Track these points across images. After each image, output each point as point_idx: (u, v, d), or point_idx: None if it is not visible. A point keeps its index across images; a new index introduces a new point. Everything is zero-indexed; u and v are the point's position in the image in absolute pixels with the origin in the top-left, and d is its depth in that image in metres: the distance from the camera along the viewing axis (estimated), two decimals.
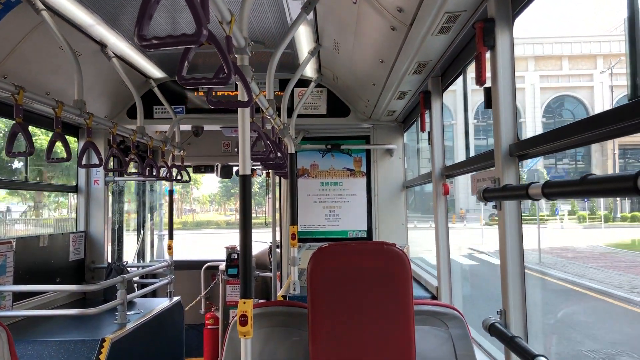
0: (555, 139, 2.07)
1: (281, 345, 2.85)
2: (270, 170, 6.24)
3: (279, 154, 3.79)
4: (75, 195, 5.71)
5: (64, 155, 3.60)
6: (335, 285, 2.64)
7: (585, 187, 1.57)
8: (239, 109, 2.46)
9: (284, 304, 2.98)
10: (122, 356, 3.88)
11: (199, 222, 52.50)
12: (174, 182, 5.76)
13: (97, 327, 4.08)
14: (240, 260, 2.49)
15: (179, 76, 1.82)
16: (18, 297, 4.37)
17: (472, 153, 3.72)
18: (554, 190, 1.80)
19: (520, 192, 2.05)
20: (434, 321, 2.84)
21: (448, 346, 2.82)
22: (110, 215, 5.98)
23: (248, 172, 2.49)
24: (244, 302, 2.43)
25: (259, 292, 6.87)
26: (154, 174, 5.06)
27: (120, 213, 6.61)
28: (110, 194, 5.98)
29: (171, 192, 5.98)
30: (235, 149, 2.55)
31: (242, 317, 2.43)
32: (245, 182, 2.48)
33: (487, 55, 2.63)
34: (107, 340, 3.70)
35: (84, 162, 4.54)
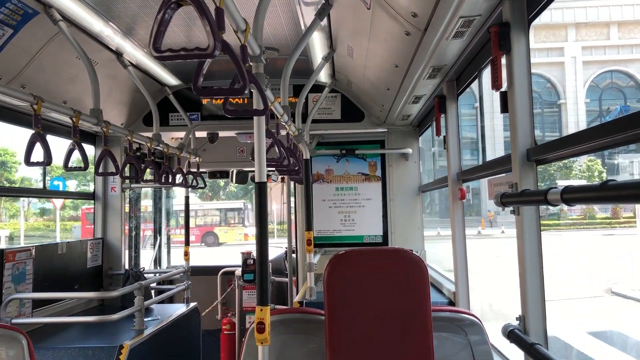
0: (575, 144, 2.04)
1: (298, 352, 2.85)
2: (285, 176, 6.25)
3: (292, 160, 3.79)
4: (93, 202, 5.76)
5: (82, 164, 3.64)
6: (352, 292, 2.63)
7: (606, 193, 1.55)
8: (255, 116, 2.47)
9: (300, 310, 2.98)
10: None
11: None
12: (190, 189, 5.79)
13: (115, 333, 4.10)
14: (256, 267, 2.49)
15: (194, 87, 1.83)
16: (37, 304, 4.42)
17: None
18: (574, 195, 1.78)
19: (539, 198, 2.02)
20: (452, 327, 2.82)
21: (467, 353, 2.80)
22: (127, 221, 6.02)
23: (264, 179, 2.50)
24: (261, 310, 2.43)
25: (275, 298, 6.87)
26: (170, 181, 5.10)
27: (137, 220, 6.66)
28: (127, 201, 6.03)
29: (187, 199, 6.01)
30: (251, 157, 2.56)
31: (259, 324, 2.43)
32: (261, 189, 2.49)
33: (503, 59, 2.61)
34: (125, 346, 3.72)
35: (100, 170, 4.59)
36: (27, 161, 3.24)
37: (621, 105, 36.18)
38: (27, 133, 3.33)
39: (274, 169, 3.85)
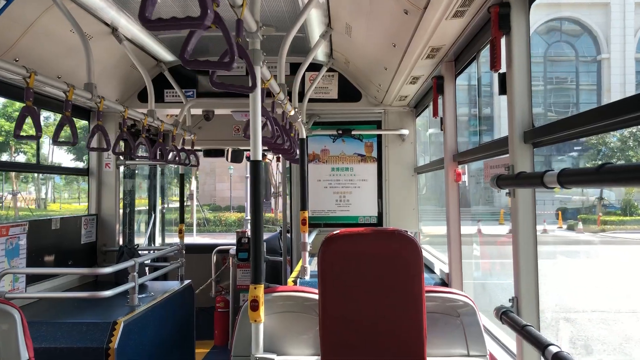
0: (572, 127, 2.03)
1: (291, 330, 2.87)
2: (280, 155, 6.22)
3: (286, 139, 3.77)
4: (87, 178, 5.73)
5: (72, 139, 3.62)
6: (345, 271, 2.63)
7: (603, 176, 1.54)
8: (250, 94, 2.45)
9: (294, 289, 2.98)
10: (134, 338, 3.92)
11: None
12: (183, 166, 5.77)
13: (109, 309, 4.11)
14: (251, 245, 2.50)
15: (181, 57, 1.80)
16: (31, 279, 4.42)
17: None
18: (570, 179, 1.77)
19: (535, 180, 2.02)
20: (445, 308, 2.83)
21: (459, 333, 2.82)
22: (121, 198, 6.00)
23: (259, 158, 2.48)
24: (255, 288, 2.44)
25: (269, 277, 6.90)
26: (163, 158, 5.07)
27: (132, 196, 6.65)
28: (121, 177, 6.00)
29: (182, 176, 5.98)
30: (243, 135, 2.55)
31: (252, 302, 2.44)
32: (256, 167, 2.48)
33: (502, 40, 2.59)
34: (119, 322, 3.74)
35: (94, 145, 4.56)
36: (17, 134, 3.21)
37: None
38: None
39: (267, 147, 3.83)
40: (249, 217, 22.29)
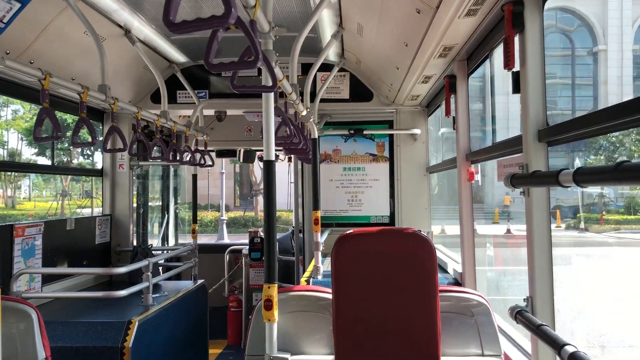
0: (588, 125, 2.02)
1: (305, 329, 2.87)
2: (292, 156, 6.23)
3: (301, 139, 3.77)
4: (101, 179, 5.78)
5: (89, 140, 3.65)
6: (359, 270, 2.63)
7: (620, 175, 1.53)
8: (263, 94, 2.45)
9: (308, 289, 2.99)
10: (148, 337, 3.94)
11: None
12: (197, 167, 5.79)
13: (123, 309, 4.14)
14: (264, 245, 2.50)
15: (206, 61, 1.81)
16: (46, 279, 4.47)
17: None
18: (587, 177, 1.76)
19: (551, 179, 2.00)
20: (459, 308, 2.82)
21: (473, 332, 2.81)
22: (135, 199, 6.04)
23: (272, 158, 2.49)
24: (269, 287, 2.44)
25: (281, 276, 6.90)
26: (178, 158, 5.10)
27: (145, 197, 6.69)
28: (135, 178, 6.04)
29: (194, 177, 6.01)
30: (260, 135, 2.56)
31: (266, 301, 2.45)
32: (269, 168, 2.48)
33: (516, 38, 2.57)
34: (133, 322, 3.76)
35: (108, 147, 4.59)
36: (36, 137, 3.25)
37: None
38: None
39: (281, 148, 3.83)
40: (225, 217, 22.15)
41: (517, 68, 2.61)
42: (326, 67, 5.43)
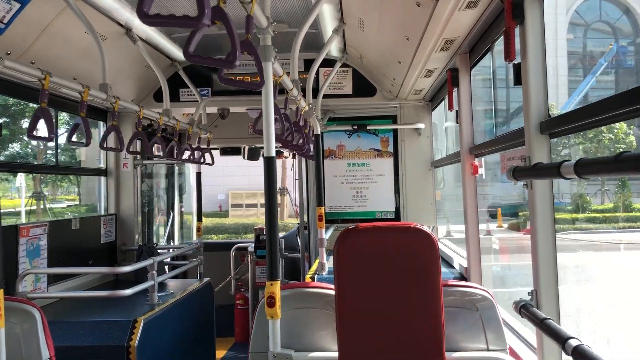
0: (590, 116, 1.99)
1: (309, 325, 2.86)
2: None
3: (297, 136, 3.76)
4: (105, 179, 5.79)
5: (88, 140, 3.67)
6: (362, 266, 2.62)
7: (621, 165, 1.51)
8: (263, 91, 2.44)
9: (311, 285, 2.98)
10: (154, 336, 3.95)
11: None
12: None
13: (129, 308, 4.15)
14: (266, 242, 2.50)
15: (185, 53, 1.82)
16: (52, 279, 4.48)
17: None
18: (588, 168, 1.74)
19: (552, 171, 1.99)
20: (463, 302, 2.80)
21: (478, 327, 2.79)
22: (139, 197, 6.05)
23: (273, 154, 2.48)
24: (271, 284, 2.44)
25: (288, 273, 6.91)
26: (178, 156, 5.10)
27: (150, 195, 6.70)
28: (139, 177, 6.05)
29: (199, 175, 6.01)
30: (252, 130, 2.55)
31: (269, 298, 2.44)
32: (270, 164, 2.47)
33: (517, 30, 2.55)
34: (139, 321, 3.77)
35: (112, 146, 4.60)
36: (30, 135, 3.26)
37: (616, 44, 30.26)
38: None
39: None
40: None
41: (518, 60, 2.58)
42: (329, 62, 5.41)
